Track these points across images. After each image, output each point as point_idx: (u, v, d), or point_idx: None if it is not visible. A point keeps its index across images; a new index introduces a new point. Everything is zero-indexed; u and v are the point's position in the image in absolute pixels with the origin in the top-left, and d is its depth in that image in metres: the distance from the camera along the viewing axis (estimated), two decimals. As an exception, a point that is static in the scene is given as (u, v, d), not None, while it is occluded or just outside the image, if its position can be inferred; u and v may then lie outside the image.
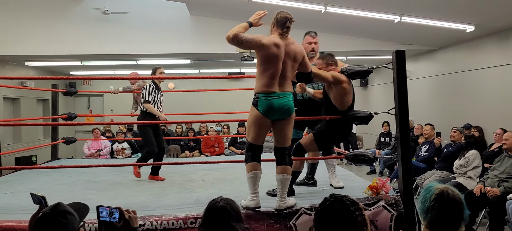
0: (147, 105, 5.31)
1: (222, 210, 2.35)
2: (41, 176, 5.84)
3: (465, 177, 5.71)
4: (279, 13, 3.58)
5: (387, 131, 10.04)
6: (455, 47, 8.49)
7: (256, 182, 3.56)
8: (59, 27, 8.64)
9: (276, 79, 3.47)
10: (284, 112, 3.51)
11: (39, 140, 11.01)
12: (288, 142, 3.62)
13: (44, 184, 5.31)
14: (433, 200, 1.92)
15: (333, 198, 1.92)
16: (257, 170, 3.56)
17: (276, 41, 3.48)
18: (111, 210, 2.10)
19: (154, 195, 4.47)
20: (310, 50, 4.32)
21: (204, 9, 8.32)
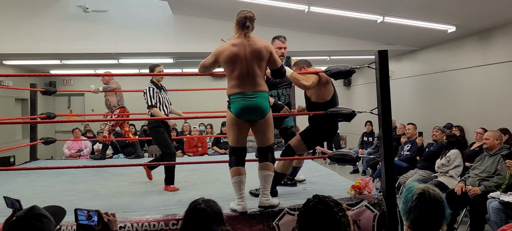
0: (153, 110, 4.87)
1: (203, 212, 2.29)
2: (18, 177, 5.69)
3: (446, 176, 5.77)
4: (239, 13, 3.55)
5: (370, 130, 10.11)
6: (437, 48, 8.59)
7: (241, 186, 3.51)
8: (38, 25, 8.44)
9: (244, 79, 3.44)
10: (257, 113, 3.47)
11: (17, 140, 10.75)
12: (269, 142, 3.59)
13: (22, 186, 5.17)
14: (414, 200, 1.92)
15: (316, 199, 1.90)
16: (241, 174, 3.51)
17: (234, 41, 3.47)
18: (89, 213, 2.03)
19: (136, 196, 4.39)
20: (280, 55, 4.35)
21: (187, 7, 8.23)
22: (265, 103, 3.49)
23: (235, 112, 3.47)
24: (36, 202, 4.22)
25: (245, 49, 3.43)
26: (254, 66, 3.44)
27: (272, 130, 3.63)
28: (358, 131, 11.00)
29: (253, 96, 3.43)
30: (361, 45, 8.82)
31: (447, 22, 6.81)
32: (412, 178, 6.32)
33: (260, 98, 3.46)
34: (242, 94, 3.44)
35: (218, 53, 3.52)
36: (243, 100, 3.44)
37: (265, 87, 3.53)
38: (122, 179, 5.45)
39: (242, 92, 3.44)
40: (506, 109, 6.54)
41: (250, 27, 3.50)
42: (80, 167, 4.76)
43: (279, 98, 4.43)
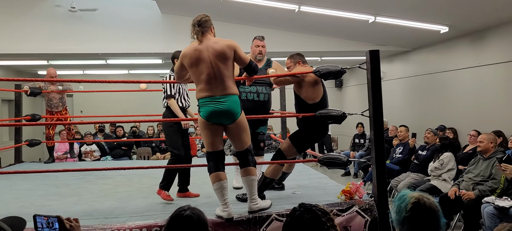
0: (171, 102, 4.31)
1: (187, 219, 2.14)
2: (1, 180, 5.51)
3: (439, 179, 5.67)
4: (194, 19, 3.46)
5: (362, 132, 10.02)
6: (429, 48, 8.52)
7: (224, 192, 3.39)
8: (24, 25, 8.26)
9: (212, 82, 3.33)
10: (228, 117, 3.37)
11: (4, 142, 10.54)
12: (245, 145, 3.49)
13: (2, 189, 5.01)
14: (409, 210, 1.80)
15: (303, 208, 1.78)
16: (221, 179, 3.40)
17: (194, 46, 3.37)
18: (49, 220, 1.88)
19: (119, 201, 4.24)
20: (258, 53, 4.40)
21: (176, 7, 8.09)
22: (235, 107, 3.37)
23: (204, 116, 3.37)
24: (16, 207, 4.09)
25: (208, 51, 3.32)
26: (220, 67, 3.33)
27: (248, 132, 3.52)
28: (350, 133, 10.92)
29: (222, 100, 3.33)
30: (352, 45, 8.73)
31: (439, 23, 6.73)
32: (404, 182, 6.21)
33: (230, 102, 3.35)
34: (211, 98, 3.35)
35: (182, 57, 3.42)
36: (212, 104, 3.35)
37: (234, 90, 3.41)
38: (107, 182, 5.30)
39: (211, 96, 3.34)
40: (499, 111, 6.47)
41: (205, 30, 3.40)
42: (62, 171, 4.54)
43: (258, 96, 4.35)
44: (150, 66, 11.12)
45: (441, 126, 7.47)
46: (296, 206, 1.85)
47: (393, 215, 1.88)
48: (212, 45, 3.33)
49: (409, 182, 6.09)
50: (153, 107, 10.10)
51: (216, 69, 3.31)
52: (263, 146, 4.58)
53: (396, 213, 1.85)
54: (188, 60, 3.36)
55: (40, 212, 3.80)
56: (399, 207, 1.84)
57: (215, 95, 3.33)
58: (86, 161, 8.68)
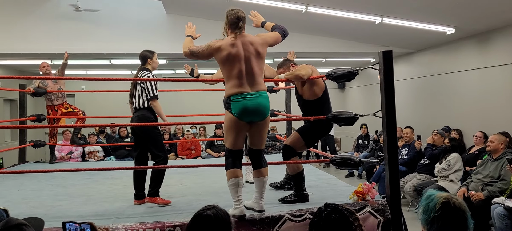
0: (156, 103, 4.11)
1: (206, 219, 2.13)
2: (7, 180, 5.52)
3: (446, 180, 5.67)
4: (231, 14, 3.46)
5: (365, 133, 10.03)
6: (434, 50, 8.52)
7: (238, 189, 3.40)
8: (28, 24, 8.24)
9: (244, 79, 3.33)
10: (260, 113, 3.38)
11: (6, 142, 10.49)
12: (263, 144, 3.55)
13: (10, 189, 4.99)
14: (438, 209, 1.79)
15: (330, 208, 1.77)
16: (237, 177, 3.40)
17: (232, 41, 3.36)
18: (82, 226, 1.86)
19: (129, 202, 4.22)
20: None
21: (181, 7, 8.08)
22: (267, 104, 3.41)
23: (237, 113, 3.34)
24: (25, 207, 4.08)
25: (245, 48, 3.36)
26: (253, 64, 3.36)
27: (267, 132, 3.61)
28: (353, 134, 10.92)
29: (256, 96, 3.34)
30: (357, 47, 8.72)
31: (446, 24, 6.73)
32: (411, 182, 6.21)
33: (263, 98, 3.37)
34: (244, 94, 3.32)
35: (214, 50, 3.39)
36: (245, 100, 3.31)
37: (265, 86, 3.45)
38: (115, 182, 5.29)
39: (245, 92, 3.32)
40: (505, 112, 6.47)
41: (243, 27, 3.43)
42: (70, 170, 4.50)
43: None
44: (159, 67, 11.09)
45: (446, 127, 7.47)
46: (322, 206, 1.84)
47: (421, 215, 1.87)
48: (247, 43, 3.37)
49: (416, 183, 6.09)
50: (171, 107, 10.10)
51: (249, 66, 3.35)
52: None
53: (423, 213, 1.84)
54: (223, 56, 3.34)
55: (51, 212, 3.83)
56: (427, 206, 1.83)
57: (246, 91, 3.33)
58: (89, 161, 8.66)
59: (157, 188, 4.02)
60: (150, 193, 4.03)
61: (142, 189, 4.12)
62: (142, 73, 4.16)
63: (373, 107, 3.73)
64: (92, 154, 8.97)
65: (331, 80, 3.81)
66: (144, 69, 4.21)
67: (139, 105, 4.11)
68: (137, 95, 4.14)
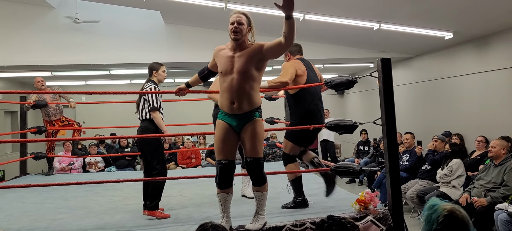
0: (157, 115, 4.08)
1: None
2: (8, 193, 5.50)
3: (449, 186, 5.65)
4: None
5: (366, 139, 10.01)
6: (432, 55, 8.53)
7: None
8: (27, 36, 8.26)
9: None
10: None
11: (7, 154, 10.49)
12: None
13: (11, 202, 4.98)
14: (441, 222, 1.77)
15: (332, 220, 1.76)
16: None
17: None
18: None
19: (130, 213, 4.21)
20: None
21: (179, 17, 8.10)
22: None
23: None
24: (26, 221, 4.07)
25: None
26: None
27: None
28: (353, 140, 10.90)
29: None
30: (355, 53, 8.74)
31: (444, 29, 6.74)
32: (412, 189, 6.19)
33: None
34: None
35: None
36: None
37: None
38: (116, 193, 5.28)
39: None
40: (505, 116, 6.46)
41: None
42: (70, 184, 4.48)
43: None
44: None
45: (447, 132, 7.46)
46: (324, 218, 1.83)
47: (423, 226, 1.85)
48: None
49: (418, 189, 6.06)
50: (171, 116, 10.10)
51: None
52: None
53: (426, 224, 1.83)
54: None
55: (52, 225, 3.81)
56: (429, 217, 1.81)
57: None
58: (90, 172, 8.65)
59: (156, 202, 3.98)
60: (148, 206, 3.99)
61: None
62: (146, 85, 4.17)
63: (373, 113, 3.73)
64: (93, 164, 8.96)
65: (330, 88, 3.81)
66: (149, 81, 4.22)
67: (142, 117, 4.12)
68: (141, 106, 4.16)
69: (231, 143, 3.28)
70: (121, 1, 7.31)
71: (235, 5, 6.30)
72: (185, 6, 6.68)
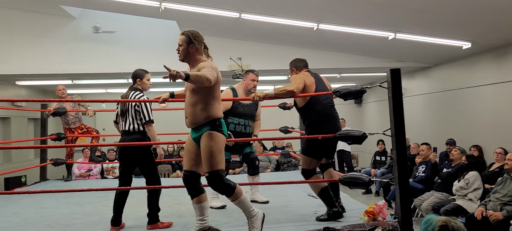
0: (151, 127, 3.99)
1: None
2: (26, 198, 5.65)
3: (465, 199, 5.54)
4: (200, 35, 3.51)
5: (383, 149, 9.90)
6: (451, 64, 8.40)
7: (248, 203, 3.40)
8: (49, 46, 8.50)
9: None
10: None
11: (29, 160, 10.78)
12: None
13: (28, 207, 5.11)
14: None
15: None
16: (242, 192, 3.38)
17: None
18: None
19: (140, 220, 4.27)
20: (252, 87, 4.69)
21: (195, 27, 8.02)
22: None
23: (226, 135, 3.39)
24: (41, 226, 4.17)
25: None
26: None
27: None
28: (371, 150, 10.79)
29: None
30: (371, 62, 8.68)
31: (462, 38, 6.64)
32: (428, 201, 6.08)
33: None
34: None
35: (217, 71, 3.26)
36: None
37: None
38: (129, 200, 5.32)
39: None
40: (525, 128, 6.31)
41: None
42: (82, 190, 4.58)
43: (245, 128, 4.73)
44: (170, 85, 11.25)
45: (450, 140, 7.36)
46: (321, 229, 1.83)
47: None
48: None
49: (433, 202, 5.96)
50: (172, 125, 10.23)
51: None
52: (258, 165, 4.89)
53: None
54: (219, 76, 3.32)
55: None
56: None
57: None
58: (108, 178, 8.80)
59: (156, 213, 4.00)
60: (150, 220, 3.97)
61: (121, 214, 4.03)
62: (135, 94, 4.00)
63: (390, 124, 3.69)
64: (110, 170, 9.12)
65: (338, 97, 3.81)
66: (135, 89, 4.07)
67: (133, 129, 3.98)
68: (130, 118, 3.99)
69: (191, 155, 3.40)
70: (139, 11, 7.45)
71: (249, 15, 6.37)
72: (200, 16, 6.78)
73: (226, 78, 9.35)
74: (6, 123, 10.33)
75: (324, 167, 4.18)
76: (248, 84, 4.68)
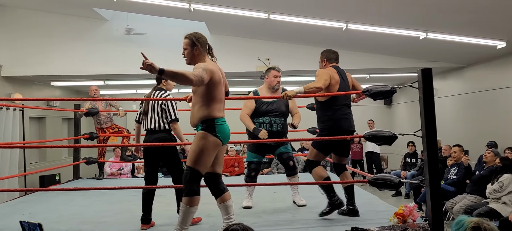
0: (177, 126, 4.11)
1: None
2: (59, 196, 5.83)
3: (499, 202, 5.37)
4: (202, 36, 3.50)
5: (413, 151, 9.71)
6: (485, 64, 8.16)
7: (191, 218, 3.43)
8: (83, 47, 8.77)
9: (223, 104, 3.38)
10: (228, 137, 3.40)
11: (63, 159, 11.13)
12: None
13: (61, 205, 5.28)
14: None
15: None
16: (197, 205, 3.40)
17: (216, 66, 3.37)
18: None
19: (170, 219, 4.34)
20: (276, 83, 4.65)
21: (224, 28, 8.29)
22: None
23: (222, 136, 3.31)
24: (74, 222, 4.30)
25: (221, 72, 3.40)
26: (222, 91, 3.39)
27: None
28: (400, 152, 10.60)
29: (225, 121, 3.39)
30: (402, 62, 8.54)
31: (496, 38, 6.45)
32: (460, 204, 5.93)
33: None
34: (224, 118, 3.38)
35: (212, 71, 3.21)
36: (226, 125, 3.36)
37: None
38: (159, 199, 5.42)
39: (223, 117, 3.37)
40: None
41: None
42: (114, 188, 4.68)
43: (271, 126, 4.58)
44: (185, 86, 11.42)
45: (491, 142, 7.11)
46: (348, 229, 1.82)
47: None
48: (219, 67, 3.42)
49: (465, 205, 5.81)
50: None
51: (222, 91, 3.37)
52: (293, 165, 4.74)
53: None
54: (217, 77, 3.27)
55: (96, 228, 4.01)
56: (457, 232, 1.77)
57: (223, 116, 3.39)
58: (138, 177, 8.98)
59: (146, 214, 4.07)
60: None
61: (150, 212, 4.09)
62: (161, 94, 4.10)
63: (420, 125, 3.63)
64: (141, 169, 9.30)
65: (368, 97, 3.77)
66: (160, 89, 4.16)
67: (158, 127, 4.05)
68: (156, 116, 4.06)
69: None
70: (169, 13, 7.58)
71: (277, 15, 6.38)
72: (229, 17, 6.84)
73: (255, 79, 9.39)
74: (41, 122, 10.68)
75: (340, 169, 4.19)
76: (271, 82, 4.65)
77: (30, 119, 9.90)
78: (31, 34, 8.68)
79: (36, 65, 8.66)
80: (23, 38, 8.65)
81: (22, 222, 2.20)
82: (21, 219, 2.96)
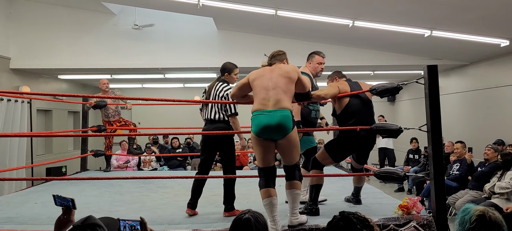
0: (236, 120, 4.14)
1: (247, 222, 2.26)
2: (69, 186, 5.96)
3: (502, 198, 5.46)
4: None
5: (416, 147, 9.80)
6: (488, 62, 8.24)
7: (273, 209, 3.34)
8: (90, 41, 8.85)
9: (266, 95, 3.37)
10: (277, 131, 3.30)
11: (69, 151, 11.25)
12: (294, 161, 3.47)
13: (73, 194, 5.22)
14: (473, 222, 1.82)
15: (340, 215, 1.83)
16: (271, 196, 3.36)
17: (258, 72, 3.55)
18: (131, 224, 2.07)
19: (180, 209, 4.43)
20: (320, 70, 4.45)
21: (231, 23, 8.37)
22: (286, 122, 3.30)
23: (255, 131, 3.35)
24: (87, 211, 4.35)
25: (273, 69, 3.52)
26: (279, 82, 3.39)
27: (298, 149, 3.51)
28: (403, 148, 10.69)
29: (273, 113, 3.28)
30: (406, 59, 8.61)
31: (500, 36, 6.53)
32: (462, 199, 6.03)
33: (281, 116, 3.28)
34: (262, 110, 3.32)
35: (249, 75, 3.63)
36: (262, 117, 3.30)
37: (288, 105, 3.35)
38: (167, 191, 5.56)
39: (262, 109, 3.33)
40: None
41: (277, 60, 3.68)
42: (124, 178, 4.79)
43: (316, 113, 4.48)
44: (204, 80, 11.51)
45: (499, 140, 7.18)
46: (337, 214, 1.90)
47: (456, 228, 1.90)
48: (279, 67, 3.51)
49: (467, 200, 5.91)
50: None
51: (274, 83, 3.38)
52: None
53: (459, 225, 1.88)
54: (254, 75, 3.50)
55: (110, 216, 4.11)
56: (462, 219, 1.86)
57: (267, 108, 3.31)
58: (144, 170, 9.11)
59: (232, 201, 4.10)
60: (227, 208, 4.09)
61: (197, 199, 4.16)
62: (223, 86, 4.15)
63: (424, 121, 3.72)
64: (147, 162, 9.44)
65: (374, 95, 3.86)
66: (223, 81, 4.21)
67: (218, 118, 4.12)
68: (217, 107, 4.12)
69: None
70: (177, 8, 7.65)
71: (285, 12, 6.46)
72: (237, 13, 6.90)
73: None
74: (48, 115, 10.80)
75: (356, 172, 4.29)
76: (315, 68, 4.40)
77: (37, 111, 10.01)
78: (40, 28, 8.77)
79: (44, 58, 8.75)
80: (32, 31, 8.74)
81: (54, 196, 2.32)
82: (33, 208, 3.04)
